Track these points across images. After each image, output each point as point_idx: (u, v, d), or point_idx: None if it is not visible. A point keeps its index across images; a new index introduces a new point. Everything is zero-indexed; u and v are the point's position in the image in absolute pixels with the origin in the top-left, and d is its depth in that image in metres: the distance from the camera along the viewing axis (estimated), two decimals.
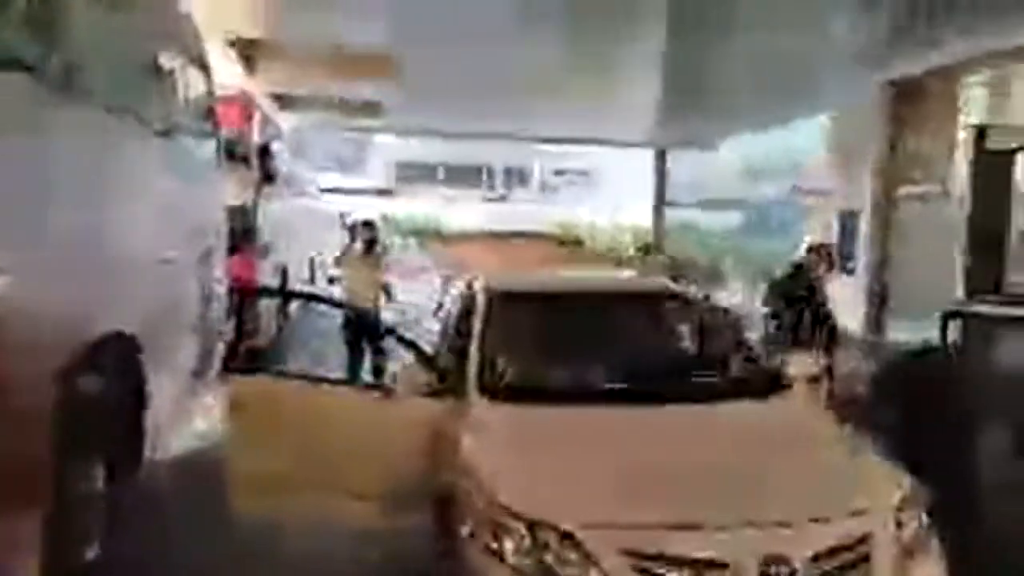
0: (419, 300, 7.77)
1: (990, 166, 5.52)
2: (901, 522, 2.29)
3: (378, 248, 6.53)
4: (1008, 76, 6.69)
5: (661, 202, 14.89)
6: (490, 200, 29.47)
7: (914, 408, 3.53)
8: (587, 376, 3.14)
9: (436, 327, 4.97)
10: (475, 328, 3.31)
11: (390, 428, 2.92)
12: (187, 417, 4.13)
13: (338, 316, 6.15)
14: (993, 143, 5.49)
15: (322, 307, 6.75)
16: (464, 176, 31.31)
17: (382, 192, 28.21)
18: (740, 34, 7.71)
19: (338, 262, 6.67)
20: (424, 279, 9.77)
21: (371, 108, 11.25)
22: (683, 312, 3.80)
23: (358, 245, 6.47)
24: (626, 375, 3.13)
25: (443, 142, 28.37)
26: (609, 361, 3.20)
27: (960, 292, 5.56)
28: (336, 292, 6.65)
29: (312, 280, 12.44)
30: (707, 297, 6.80)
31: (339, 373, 5.61)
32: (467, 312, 3.70)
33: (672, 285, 4.05)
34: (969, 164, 5.69)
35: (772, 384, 3.05)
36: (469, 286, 4.00)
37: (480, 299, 3.53)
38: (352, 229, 6.74)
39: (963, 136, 5.93)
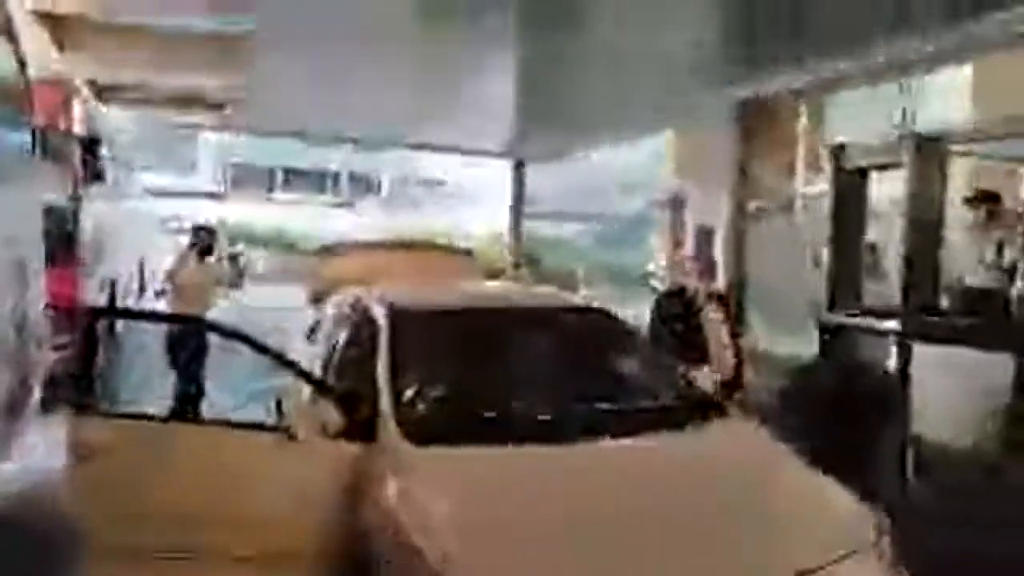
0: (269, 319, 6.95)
1: (848, 183, 5.87)
2: (881, 556, 2.16)
3: (214, 256, 5.89)
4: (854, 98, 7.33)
5: (519, 214, 14.87)
6: (335, 207, 28.11)
7: (832, 420, 3.52)
8: (519, 409, 2.75)
9: (304, 348, 4.31)
10: (381, 355, 2.80)
11: (293, 479, 2.37)
12: None
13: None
14: (849, 161, 5.84)
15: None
16: (307, 181, 29.62)
17: (213, 195, 25.81)
18: (602, 49, 7.80)
19: (170, 274, 5.71)
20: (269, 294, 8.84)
21: (210, 102, 10.04)
22: (606, 330, 3.53)
23: (193, 254, 5.63)
24: (558, 405, 2.79)
25: (284, 144, 26.69)
26: (538, 390, 2.85)
27: (824, 305, 5.85)
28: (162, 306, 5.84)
29: (142, 293, 10.90)
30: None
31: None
32: (364, 336, 3.16)
33: (591, 302, 3.77)
34: (829, 182, 6.01)
35: (710, 409, 2.85)
36: (358, 305, 3.45)
37: (381, 320, 3.02)
38: (195, 233, 5.74)
39: (823, 154, 6.27)
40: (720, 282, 8.80)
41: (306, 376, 2.84)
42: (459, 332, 3.15)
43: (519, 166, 14.81)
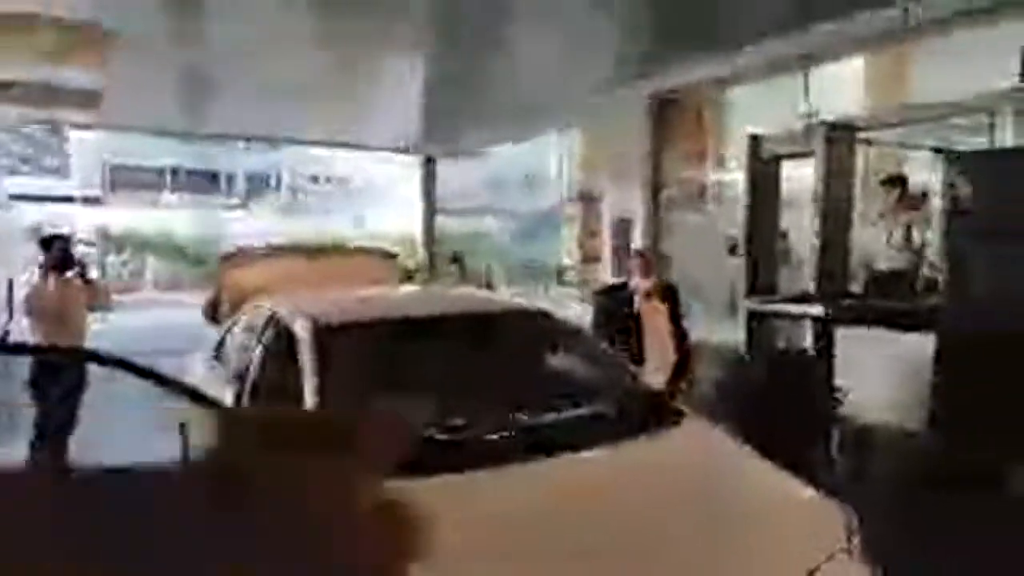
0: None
1: (762, 173, 5.97)
2: (854, 552, 2.07)
3: (77, 269, 4.85)
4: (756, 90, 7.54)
5: (431, 211, 14.48)
6: (229, 209, 26.50)
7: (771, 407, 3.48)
8: (467, 429, 2.47)
9: (205, 373, 3.84)
10: (306, 379, 2.45)
11: None
12: None
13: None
14: (763, 150, 5.94)
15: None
16: (197, 182, 27.73)
17: (90, 200, 23.62)
18: (508, 44, 7.68)
19: (27, 298, 4.76)
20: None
21: (84, 97, 9.02)
22: (549, 332, 3.31)
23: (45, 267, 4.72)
24: (508, 422, 2.54)
25: (169, 142, 24.85)
26: (485, 406, 2.58)
27: (742, 292, 5.94)
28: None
29: (11, 317, 9.71)
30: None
31: None
32: (283, 356, 2.79)
33: (525, 303, 3.54)
34: (745, 171, 6.09)
35: (667, 412, 2.70)
36: (273, 320, 3.07)
37: (303, 338, 2.67)
38: (44, 245, 4.75)
39: (731, 144, 6.36)
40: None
41: (215, 406, 2.44)
42: (391, 347, 2.84)
43: (429, 162, 14.42)
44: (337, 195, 30.13)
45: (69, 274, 4.63)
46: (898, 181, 5.33)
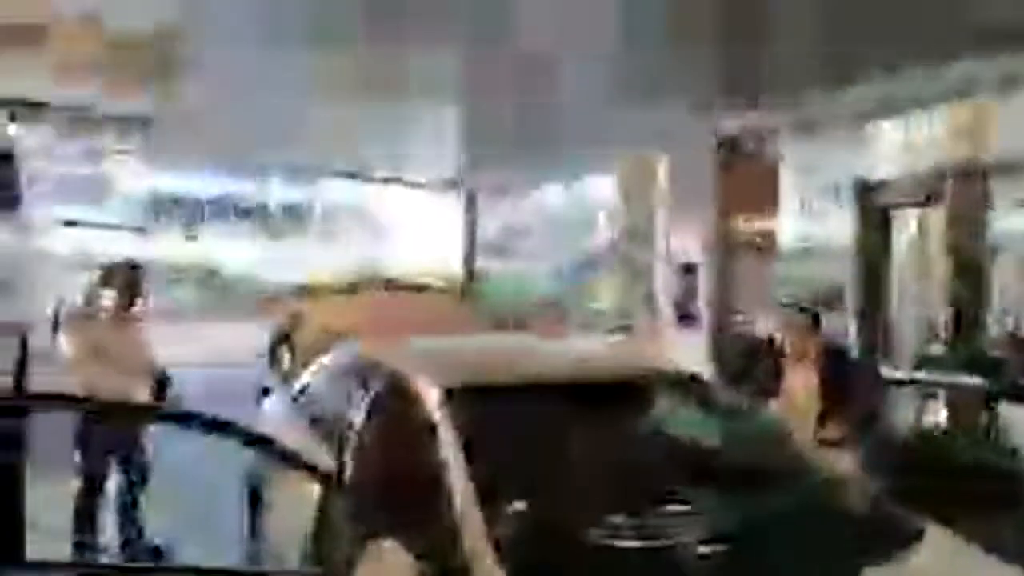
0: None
1: (871, 222, 5.48)
2: None
3: (140, 303, 4.04)
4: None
5: (472, 248, 14.07)
6: (266, 240, 26.49)
7: None
8: (678, 542, 1.91)
9: (289, 417, 3.35)
10: (452, 465, 1.96)
11: None
12: None
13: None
14: (873, 198, 5.45)
15: None
16: (230, 212, 27.81)
17: (133, 229, 23.70)
18: (561, 81, 7.36)
19: (64, 326, 4.09)
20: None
21: (138, 124, 8.84)
22: (710, 403, 2.77)
23: (107, 298, 3.87)
24: (725, 533, 1.97)
25: (206, 172, 24.96)
26: (696, 506, 2.03)
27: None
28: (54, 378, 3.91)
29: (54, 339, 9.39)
30: None
31: None
32: (403, 424, 2.32)
33: (674, 364, 3.01)
34: (854, 219, 5.59)
35: (903, 524, 2.11)
36: (383, 373, 2.60)
37: (435, 406, 2.18)
38: (107, 275, 3.93)
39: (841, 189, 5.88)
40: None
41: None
42: (549, 421, 2.33)
43: (471, 199, 14.10)
44: (365, 229, 30.06)
45: (136, 309, 3.95)
46: None
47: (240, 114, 9.10)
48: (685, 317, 8.66)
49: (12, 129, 6.93)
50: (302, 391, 3.34)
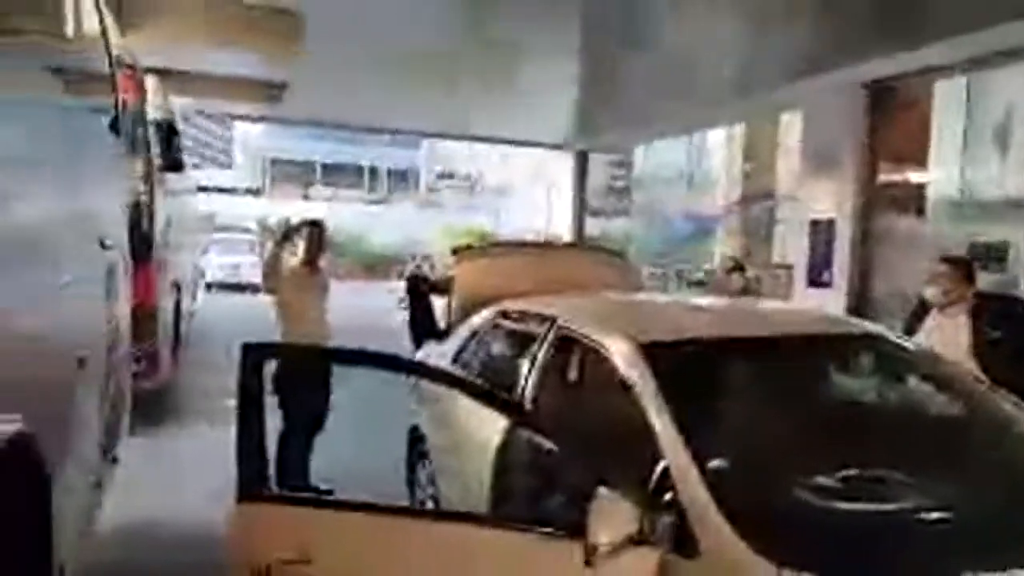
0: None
1: None
2: None
3: (323, 259, 4.32)
4: None
5: (583, 210, 13.91)
6: (372, 203, 27.32)
7: None
8: (896, 500, 1.81)
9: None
10: (655, 415, 1.91)
11: None
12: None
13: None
14: None
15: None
16: (343, 176, 28.85)
17: (251, 191, 25.11)
18: (679, 25, 6.96)
19: (267, 278, 4.20)
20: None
21: (273, 90, 9.22)
22: (907, 364, 2.59)
23: (293, 256, 4.24)
24: (943, 498, 1.84)
25: (318, 137, 25.93)
26: (905, 468, 1.91)
27: None
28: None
29: (194, 300, 10.21)
30: None
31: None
32: (590, 382, 2.30)
33: (865, 324, 2.84)
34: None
35: None
36: (559, 332, 2.57)
37: (629, 363, 2.13)
38: (288, 233, 4.25)
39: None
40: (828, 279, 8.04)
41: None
42: (741, 377, 2.26)
43: (582, 157, 13.87)
44: (467, 191, 30.35)
45: (322, 263, 4.24)
46: None
47: (352, 81, 9.32)
48: (817, 278, 8.18)
49: (172, 99, 7.39)
50: (463, 348, 3.40)
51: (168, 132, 5.61)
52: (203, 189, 14.24)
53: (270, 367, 3.74)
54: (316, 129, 21.58)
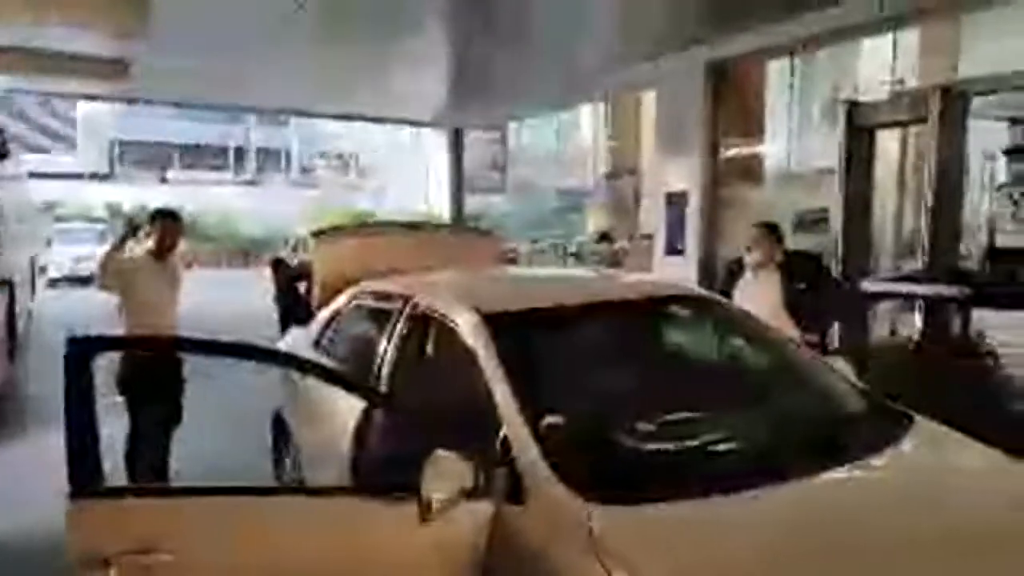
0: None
1: (857, 144, 5.60)
2: None
3: (178, 252, 4.14)
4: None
5: (460, 187, 14.02)
6: (239, 185, 25.90)
7: None
8: (700, 441, 2.12)
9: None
10: (492, 377, 2.11)
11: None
12: None
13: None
14: (859, 119, 5.55)
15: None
16: (205, 158, 27.07)
17: (99, 176, 22.99)
18: (546, 10, 7.27)
19: (105, 268, 3.86)
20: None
21: (115, 68, 8.53)
22: (723, 321, 2.95)
23: (141, 246, 4.02)
24: (734, 433, 2.18)
25: (174, 117, 24.19)
26: (703, 413, 2.23)
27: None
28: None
29: (32, 296, 9.39)
30: None
31: None
32: (437, 351, 2.46)
33: (693, 288, 3.17)
34: (840, 141, 5.70)
35: (893, 417, 2.35)
36: (410, 307, 2.72)
37: (471, 330, 2.32)
38: (136, 227, 3.95)
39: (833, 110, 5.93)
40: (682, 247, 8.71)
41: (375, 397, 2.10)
42: (576, 340, 2.50)
43: (457, 135, 13.93)
44: (342, 171, 29.51)
45: (174, 256, 4.03)
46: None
47: (214, 57, 8.85)
48: (673, 246, 8.82)
49: None
50: (323, 331, 3.45)
51: None
52: (38, 175, 12.96)
53: (112, 368, 3.65)
54: (171, 109, 20.11)
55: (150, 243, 3.96)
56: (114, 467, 3.21)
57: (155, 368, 3.82)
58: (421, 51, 8.98)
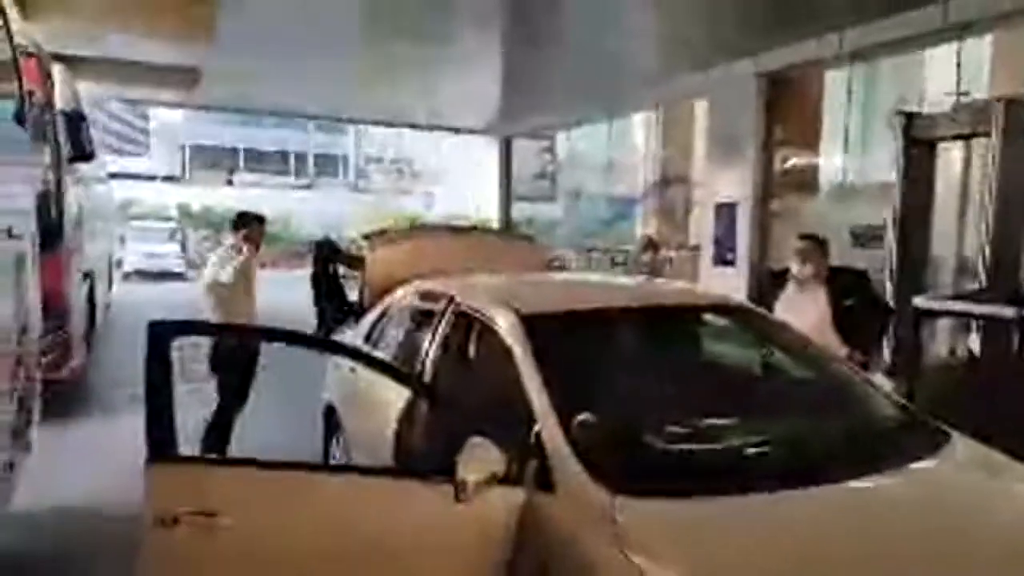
0: None
1: (916, 157, 5.48)
2: None
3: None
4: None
5: (508, 194, 14.19)
6: (298, 188, 26.80)
7: None
8: (729, 441, 2.17)
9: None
10: (526, 374, 2.21)
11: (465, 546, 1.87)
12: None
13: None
14: (919, 132, 5.43)
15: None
16: (268, 162, 28.13)
17: (170, 178, 24.20)
18: (597, 16, 7.32)
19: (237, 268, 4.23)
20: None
21: (187, 77, 9.04)
22: (760, 330, 2.97)
23: (237, 250, 4.35)
24: (767, 436, 2.21)
25: (240, 123, 25.23)
26: (733, 416, 2.28)
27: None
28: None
29: (110, 287, 9.97)
30: None
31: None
32: (477, 349, 2.58)
33: (730, 297, 3.19)
34: (897, 155, 5.59)
35: (929, 432, 2.33)
36: (454, 305, 2.85)
37: (509, 329, 2.42)
38: (236, 225, 4.40)
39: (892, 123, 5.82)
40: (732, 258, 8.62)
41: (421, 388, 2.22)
42: (611, 343, 2.58)
43: (507, 143, 14.13)
44: (396, 176, 30.16)
45: (260, 252, 4.52)
46: None
47: (276, 66, 9.26)
48: (723, 257, 8.75)
49: (79, 86, 7.21)
50: (373, 328, 3.62)
51: (77, 120, 5.55)
52: (116, 176, 13.73)
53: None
54: (237, 116, 21.01)
55: (243, 243, 4.33)
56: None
57: (239, 354, 4.23)
58: (473, 60, 9.21)
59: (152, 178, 22.90)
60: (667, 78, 9.58)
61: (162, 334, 1.94)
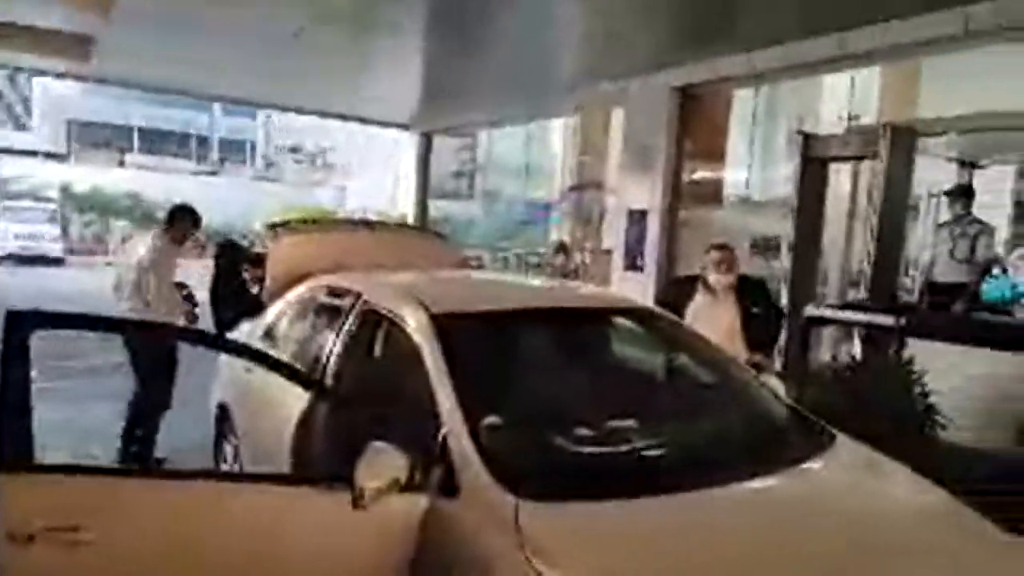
0: None
1: (811, 175, 5.81)
2: None
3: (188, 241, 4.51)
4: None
5: (425, 191, 13.99)
6: (201, 174, 25.32)
7: None
8: (633, 445, 2.18)
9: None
10: (435, 376, 2.14)
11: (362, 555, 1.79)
12: None
13: None
14: (814, 152, 5.76)
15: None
16: (166, 144, 26.39)
17: (53, 155, 22.17)
18: (523, 24, 7.39)
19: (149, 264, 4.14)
20: None
21: (80, 46, 8.31)
22: (664, 334, 3.03)
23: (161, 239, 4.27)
24: (663, 440, 2.27)
25: (135, 100, 23.62)
26: (637, 419, 2.30)
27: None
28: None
29: None
30: None
31: None
32: (382, 348, 2.48)
33: (635, 300, 3.23)
34: (795, 171, 5.90)
35: (816, 433, 2.46)
36: (361, 302, 2.74)
37: (418, 328, 2.35)
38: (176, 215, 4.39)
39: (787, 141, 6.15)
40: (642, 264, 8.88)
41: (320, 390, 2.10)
42: (521, 345, 2.55)
43: (427, 139, 13.93)
44: (308, 167, 29.17)
45: (187, 246, 4.42)
46: (963, 192, 5.23)
47: (182, 41, 8.70)
48: (634, 262, 8.97)
49: None
50: (273, 324, 3.44)
51: None
52: None
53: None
54: (132, 91, 19.55)
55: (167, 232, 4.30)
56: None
57: (158, 352, 4.03)
58: (395, 52, 9.01)
59: (33, 154, 21.01)
60: (588, 84, 9.73)
61: (21, 325, 1.72)
